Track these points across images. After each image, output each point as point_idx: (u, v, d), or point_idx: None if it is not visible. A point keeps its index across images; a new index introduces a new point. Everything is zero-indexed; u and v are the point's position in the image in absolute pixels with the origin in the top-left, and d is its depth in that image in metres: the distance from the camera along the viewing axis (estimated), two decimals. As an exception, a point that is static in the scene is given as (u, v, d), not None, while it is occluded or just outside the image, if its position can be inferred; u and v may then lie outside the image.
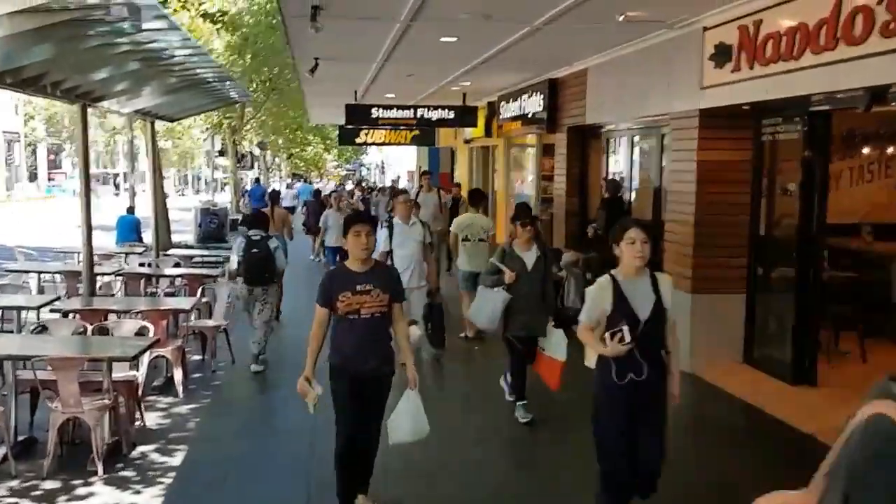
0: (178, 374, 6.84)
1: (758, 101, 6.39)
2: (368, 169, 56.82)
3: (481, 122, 15.62)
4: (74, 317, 6.81)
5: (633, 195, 9.56)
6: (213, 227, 17.87)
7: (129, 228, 14.76)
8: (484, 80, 12.29)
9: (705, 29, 7.05)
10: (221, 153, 30.71)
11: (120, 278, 9.57)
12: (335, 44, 8.80)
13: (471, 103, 14.53)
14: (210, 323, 8.08)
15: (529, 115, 12.16)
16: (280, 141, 38.42)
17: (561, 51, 9.29)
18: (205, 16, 14.24)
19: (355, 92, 14.31)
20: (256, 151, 37.76)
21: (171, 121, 13.05)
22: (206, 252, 12.78)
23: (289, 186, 33.31)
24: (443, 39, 8.19)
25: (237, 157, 29.94)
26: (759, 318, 7.45)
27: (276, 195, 14.01)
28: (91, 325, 6.32)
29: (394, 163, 43.36)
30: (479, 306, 6.19)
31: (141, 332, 6.37)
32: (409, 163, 35.38)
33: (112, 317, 7.12)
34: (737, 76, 6.55)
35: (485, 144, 16.80)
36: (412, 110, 14.23)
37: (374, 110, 14.08)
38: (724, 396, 7.02)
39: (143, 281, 9.42)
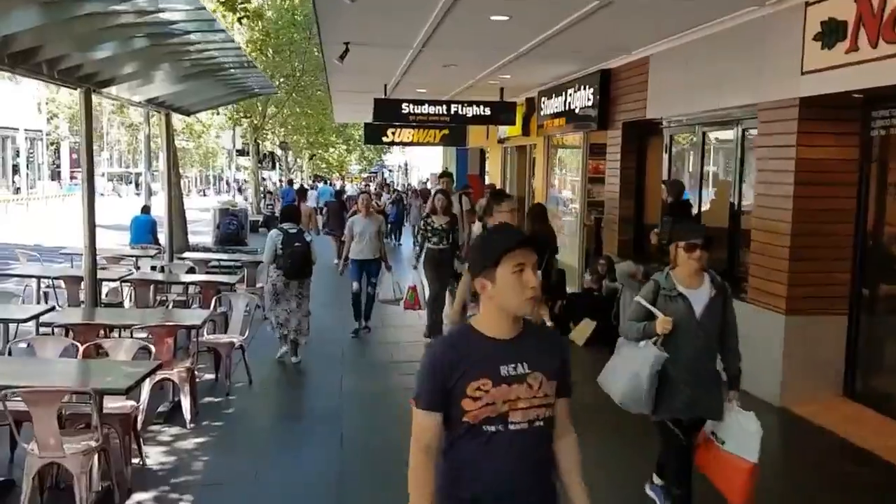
0: (185, 401, 5.88)
1: (887, 85, 5.29)
2: (391, 171, 55.87)
3: (519, 119, 14.55)
4: (68, 333, 5.87)
5: (704, 198, 8.47)
6: (232, 230, 16.98)
7: (144, 229, 13.92)
8: (526, 72, 11.27)
9: (807, 4, 5.98)
10: (242, 153, 29.90)
11: (127, 285, 8.65)
12: (369, 24, 7.83)
13: (508, 99, 13.50)
14: (224, 339, 7.11)
15: (576, 111, 11.11)
16: (302, 141, 37.67)
17: (622, 35, 8.25)
18: (225, 3, 13.30)
19: (385, 86, 13.35)
20: (278, 152, 36.98)
21: (188, 114, 12.13)
22: (223, 256, 11.85)
23: (311, 188, 32.46)
24: (493, 18, 7.18)
25: (259, 157, 29.14)
26: (864, 345, 6.36)
27: (303, 191, 13.35)
28: (84, 343, 5.38)
29: (418, 164, 42.36)
30: (618, 370, 4.02)
31: (145, 348, 5.45)
32: (434, 164, 34.42)
33: (115, 331, 6.22)
34: (853, 57, 5.46)
35: (521, 144, 15.74)
36: (445, 106, 13.20)
37: (404, 106, 13.07)
38: (821, 435, 5.95)
39: (152, 288, 8.49)
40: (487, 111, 13.20)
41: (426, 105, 13.17)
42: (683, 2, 6.44)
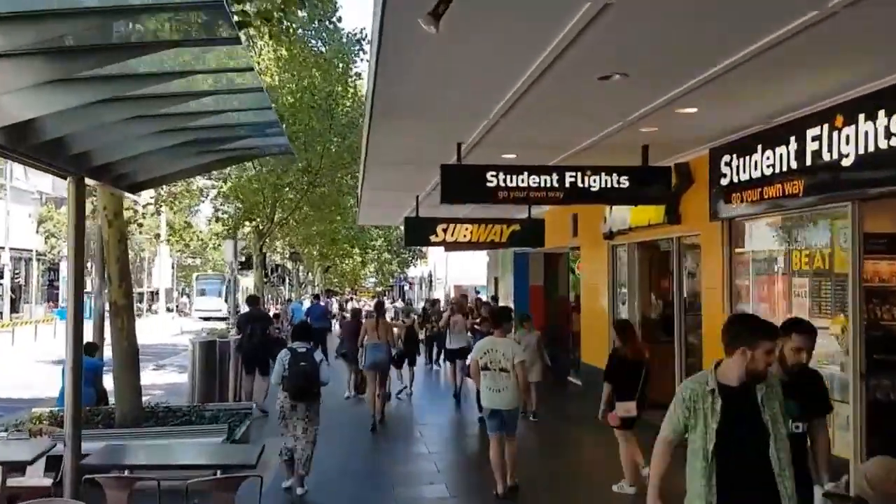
0: None
1: None
2: (411, 286, 50.34)
3: (657, 199, 9.48)
4: None
5: None
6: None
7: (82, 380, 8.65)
8: (738, 98, 6.32)
9: None
10: (245, 265, 24.85)
11: None
12: None
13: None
14: None
15: (840, 165, 6.03)
16: (314, 252, 32.82)
17: None
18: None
19: (458, 146, 8.43)
20: (288, 265, 32.08)
21: (135, 188, 6.91)
22: (184, 444, 6.42)
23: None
24: None
25: (264, 271, 24.05)
26: None
27: (380, 305, 11.93)
28: None
29: (445, 275, 36.85)
30: None
31: None
32: (469, 275, 29.23)
33: None
34: None
35: (654, 238, 10.50)
36: (555, 175, 8.22)
37: (489, 175, 8.10)
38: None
39: None
40: (625, 182, 8.20)
41: (525, 174, 8.18)
42: None
